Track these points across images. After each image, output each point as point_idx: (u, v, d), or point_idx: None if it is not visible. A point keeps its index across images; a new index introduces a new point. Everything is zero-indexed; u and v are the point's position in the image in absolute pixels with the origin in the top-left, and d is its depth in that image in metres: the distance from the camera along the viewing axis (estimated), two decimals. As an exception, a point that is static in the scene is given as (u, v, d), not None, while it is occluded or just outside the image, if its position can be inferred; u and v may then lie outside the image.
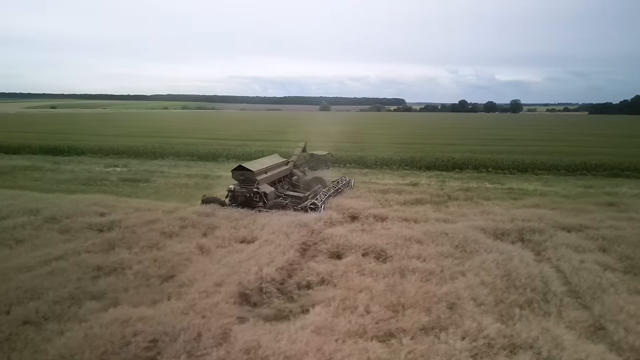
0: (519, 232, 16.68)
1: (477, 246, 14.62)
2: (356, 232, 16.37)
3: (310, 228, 16.33)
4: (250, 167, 20.03)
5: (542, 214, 19.06)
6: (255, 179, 19.78)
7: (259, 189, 19.52)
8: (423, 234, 16.10)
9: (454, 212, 20.22)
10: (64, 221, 16.70)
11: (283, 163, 23.51)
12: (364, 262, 13.50)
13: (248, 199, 19.56)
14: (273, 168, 22.01)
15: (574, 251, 14.40)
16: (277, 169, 22.34)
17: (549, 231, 16.70)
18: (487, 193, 25.71)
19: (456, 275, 12.42)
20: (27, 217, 16.98)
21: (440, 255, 14.05)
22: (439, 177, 31.96)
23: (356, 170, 34.81)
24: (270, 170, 21.62)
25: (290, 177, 23.97)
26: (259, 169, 20.48)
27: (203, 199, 20.06)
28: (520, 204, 22.24)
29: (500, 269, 12.50)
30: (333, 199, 21.58)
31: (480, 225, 16.95)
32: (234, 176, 20.19)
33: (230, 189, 19.99)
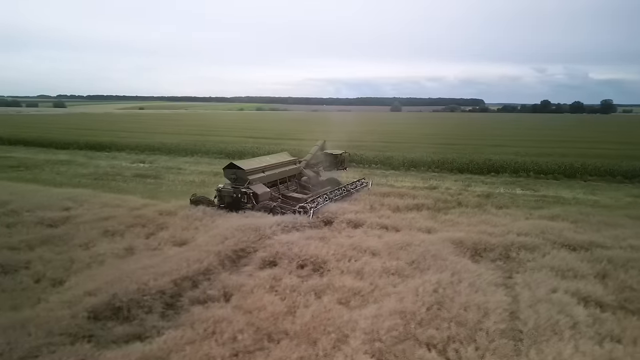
0: (505, 248, 13.83)
1: (432, 263, 12.15)
2: (313, 239, 14.39)
3: (261, 233, 14.62)
4: (242, 165, 18.36)
5: (553, 227, 15.87)
6: (247, 178, 17.98)
7: (248, 189, 17.65)
8: (384, 245, 13.86)
9: (447, 221, 17.60)
10: (22, 215, 16.51)
11: (290, 162, 21.72)
12: (290, 275, 11.63)
13: (235, 200, 17.73)
14: (274, 167, 20.20)
15: (556, 276, 11.49)
16: (279, 168, 20.50)
17: (543, 249, 13.71)
18: (507, 200, 22.46)
19: (382, 298, 10.19)
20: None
21: (384, 271, 11.81)
22: (467, 180, 28.78)
23: (379, 171, 32.59)
24: (270, 169, 19.83)
25: (300, 178, 22.15)
26: (252, 167, 18.79)
27: (191, 199, 18.72)
28: (537, 214, 18.96)
29: (436, 295, 10.04)
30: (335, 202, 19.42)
31: (460, 238, 14.27)
32: (225, 174, 18.61)
33: (218, 188, 18.51)
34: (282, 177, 20.75)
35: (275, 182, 20.15)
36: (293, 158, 22.44)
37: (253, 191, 17.72)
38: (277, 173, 20.28)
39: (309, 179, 22.34)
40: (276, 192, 19.88)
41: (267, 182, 19.24)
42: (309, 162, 23.57)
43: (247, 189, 17.67)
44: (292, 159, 22.18)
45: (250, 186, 17.87)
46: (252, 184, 18.00)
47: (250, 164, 19.21)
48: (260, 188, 18.15)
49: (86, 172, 30.30)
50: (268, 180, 19.38)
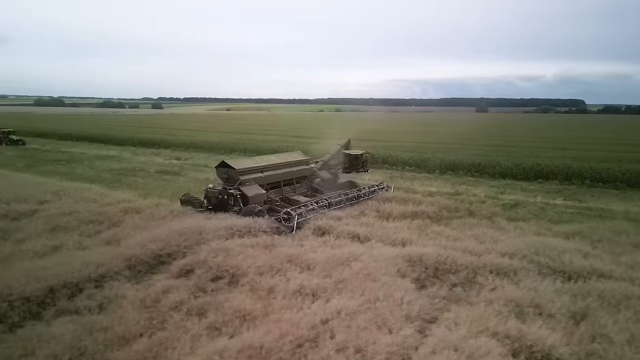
0: (474, 270, 11.33)
1: (359, 285, 10.09)
2: (256, 247, 12.80)
3: (202, 237, 13.27)
4: (234, 165, 16.97)
5: (559, 247, 12.88)
6: (238, 179, 16.52)
7: (235, 191, 16.11)
8: (327, 258, 11.91)
9: (433, 233, 15.12)
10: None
11: (298, 162, 19.93)
12: (192, 288, 10.21)
13: (221, 201, 16.26)
14: (276, 167, 18.55)
15: (508, 313, 8.93)
16: (283, 169, 18.82)
17: (521, 275, 11.04)
18: (534, 211, 19.17)
19: (259, 326, 8.40)
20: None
21: (298, 291, 9.94)
22: (505, 187, 25.36)
23: (410, 174, 29.92)
24: (270, 169, 18.22)
25: (312, 180, 20.32)
26: (246, 167, 17.31)
27: (182, 199, 17.58)
28: (556, 229, 15.77)
29: (322, 327, 8.12)
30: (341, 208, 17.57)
31: (424, 255, 11.80)
32: (217, 174, 17.41)
33: (206, 188, 17.27)
34: (288, 178, 19.05)
35: (277, 183, 18.54)
36: (304, 158, 20.69)
37: (240, 193, 16.18)
38: (280, 174, 18.58)
39: (323, 181, 20.40)
40: (278, 194, 18.32)
41: (267, 183, 17.69)
42: (327, 162, 21.77)
43: (236, 190, 16.15)
44: (303, 159, 20.43)
45: (242, 187, 16.36)
46: (244, 185, 16.50)
47: (244, 164, 17.78)
48: (252, 189, 16.57)
49: (117, 167, 31.14)
50: (268, 181, 17.81)
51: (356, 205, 18.29)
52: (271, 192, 17.97)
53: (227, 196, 16.04)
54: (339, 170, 22.10)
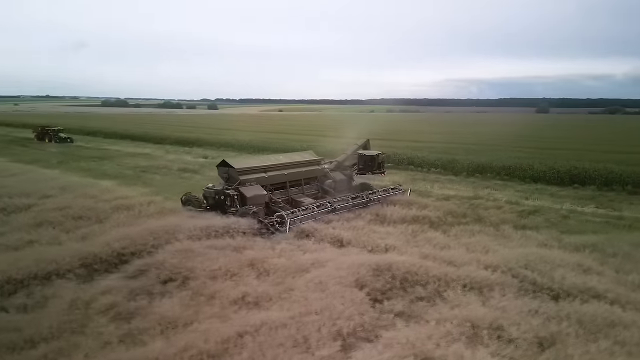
0: (446, 283, 10.11)
1: (303, 295, 9.27)
2: (223, 249, 12.15)
3: (171, 236, 12.88)
4: (234, 164, 16.37)
5: (552, 260, 11.49)
6: (238, 178, 15.89)
7: (232, 191, 15.43)
8: (292, 264, 11.24)
9: (424, 240, 13.96)
10: (1, 200, 17.19)
11: (307, 162, 19.12)
12: (136, 290, 9.84)
13: (217, 202, 15.69)
14: (281, 167, 17.78)
15: (444, 334, 7.74)
16: (289, 169, 18.04)
17: (495, 291, 9.69)
18: (552, 219, 17.47)
19: (177, 335, 7.80)
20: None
21: (241, 298, 9.31)
22: (533, 192, 23.42)
23: (434, 175, 28.48)
24: (275, 169, 17.46)
25: (323, 181, 19.45)
26: (247, 166, 16.68)
27: (182, 198, 17.10)
28: (567, 240, 14.07)
29: (225, 334, 7.37)
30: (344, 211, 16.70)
31: (396, 264, 10.71)
32: (219, 173, 16.87)
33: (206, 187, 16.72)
34: (295, 179, 18.31)
35: (283, 184, 17.84)
36: (315, 158, 19.86)
37: (237, 193, 15.52)
38: (285, 174, 17.82)
39: (335, 182, 19.46)
40: (284, 195, 17.67)
41: (270, 183, 17.04)
42: (341, 163, 20.84)
43: (233, 190, 15.52)
44: (313, 159, 19.63)
45: (241, 187, 15.71)
46: (244, 185, 15.86)
47: (245, 163, 17.25)
48: (252, 190, 15.86)
49: (144, 164, 31.84)
50: (272, 181, 17.13)
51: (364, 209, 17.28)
52: (276, 193, 17.30)
53: (223, 196, 15.45)
54: (354, 172, 21.14)
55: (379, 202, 18.33)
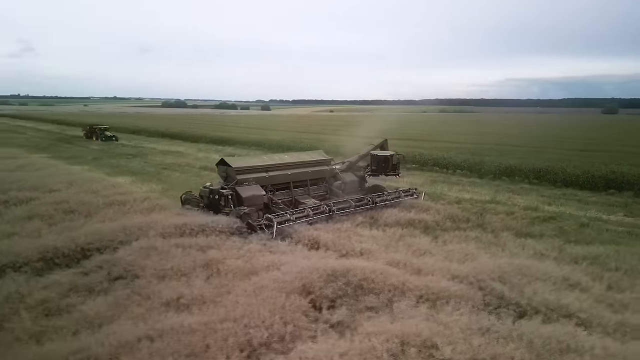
0: (400, 293, 9.27)
1: (233, 299, 8.74)
2: (188, 248, 11.80)
3: (140, 233, 12.75)
4: (232, 163, 16.22)
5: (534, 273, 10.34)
6: (235, 177, 15.60)
7: (227, 191, 15.07)
8: (247, 266, 10.81)
9: (406, 245, 13.08)
10: (8, 193, 17.77)
11: (317, 162, 18.62)
12: (79, 287, 9.73)
13: (212, 201, 15.36)
14: (284, 167, 17.33)
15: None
16: (293, 169, 17.55)
17: (449, 305, 8.72)
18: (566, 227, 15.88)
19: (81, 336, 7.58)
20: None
21: (174, 300, 8.94)
22: (560, 197, 21.79)
23: (456, 177, 27.11)
24: (277, 169, 17.03)
25: (332, 182, 18.84)
26: (245, 165, 16.41)
27: (182, 197, 16.84)
28: (568, 251, 12.76)
29: (120, 341, 7.02)
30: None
31: (346, 269, 9.96)
32: (218, 172, 16.77)
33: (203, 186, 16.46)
34: (300, 180, 17.78)
35: (286, 184, 17.36)
36: (324, 158, 19.29)
37: (232, 193, 15.10)
38: (289, 174, 17.34)
39: (344, 184, 18.71)
40: (287, 196, 17.16)
41: (272, 183, 16.63)
42: (354, 164, 20.19)
43: (228, 189, 15.17)
44: (321, 159, 19.06)
45: (238, 187, 15.36)
46: (241, 185, 15.51)
47: (244, 162, 17.03)
48: (249, 190, 15.44)
49: (170, 162, 32.61)
50: (273, 181, 16.71)
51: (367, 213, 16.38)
52: (278, 194, 16.86)
53: (217, 196, 15.09)
54: (366, 173, 20.31)
55: (389, 205, 17.23)
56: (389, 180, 21.37)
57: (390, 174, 19.94)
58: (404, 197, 18.11)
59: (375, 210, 16.71)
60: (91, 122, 60.02)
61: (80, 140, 50.48)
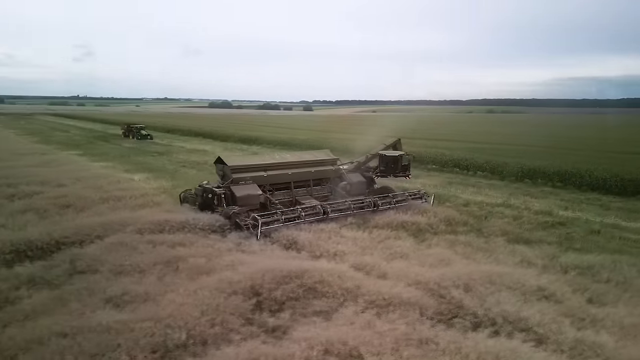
0: (348, 296, 8.80)
1: (156, 298, 8.51)
2: (159, 245, 11.70)
3: (119, 229, 12.82)
4: (228, 161, 15.98)
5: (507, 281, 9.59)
6: (231, 176, 15.33)
7: (220, 190, 14.86)
8: (205, 264, 10.59)
9: (385, 248, 12.45)
10: (19, 187, 18.70)
11: (321, 162, 18.09)
12: (24, 278, 9.76)
13: (205, 200, 15.23)
14: (284, 166, 16.90)
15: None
16: (293, 169, 17.03)
17: (387, 308, 8.16)
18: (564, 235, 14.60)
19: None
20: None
21: (112, 298, 8.82)
22: (580, 201, 20.33)
23: (475, 179, 25.95)
24: (276, 168, 16.61)
25: (337, 182, 18.09)
26: (242, 164, 16.18)
27: (181, 196, 16.73)
28: (560, 259, 11.71)
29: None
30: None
31: (301, 271, 9.58)
32: (216, 170, 16.59)
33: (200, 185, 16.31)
34: (301, 179, 17.27)
35: (287, 184, 16.94)
36: (329, 158, 18.75)
37: (225, 192, 14.84)
38: (289, 174, 16.89)
39: (351, 184, 17.95)
40: (288, 196, 16.73)
41: (270, 183, 16.25)
42: (363, 164, 19.45)
43: (221, 188, 14.95)
44: (326, 159, 18.54)
45: (233, 186, 15.06)
46: (237, 184, 15.18)
47: (241, 160, 16.98)
48: (244, 189, 15.07)
49: (192, 159, 33.12)
50: (272, 181, 16.32)
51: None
52: (278, 194, 16.47)
53: (211, 194, 14.96)
54: (376, 174, 19.29)
55: (392, 207, 16.30)
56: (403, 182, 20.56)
57: (399, 175, 19.08)
58: (411, 200, 17.17)
59: (376, 213, 15.85)
60: (132, 121, 62.20)
61: (118, 138, 52.35)
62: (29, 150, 35.12)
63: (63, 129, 68.26)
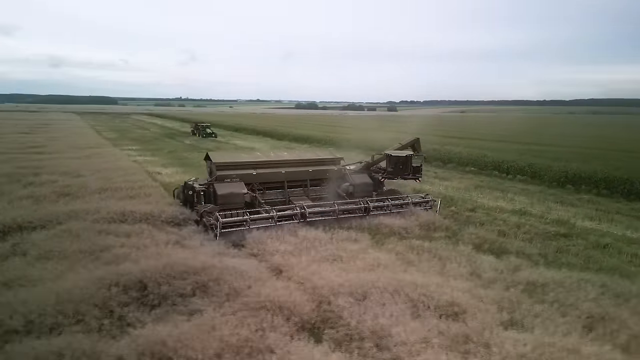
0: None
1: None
2: (111, 234, 12.09)
3: (83, 217, 13.45)
4: (214, 157, 15.65)
5: (423, 293, 8.40)
6: (216, 173, 14.89)
7: (198, 186, 14.60)
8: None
9: (321, 251, 11.53)
10: (41, 176, 20.25)
11: (320, 162, 17.26)
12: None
13: (186, 197, 15.03)
14: (276, 165, 16.27)
15: None
16: (286, 167, 16.32)
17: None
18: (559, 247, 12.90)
19: None
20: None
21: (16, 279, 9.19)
22: (615, 211, 17.72)
23: (510, 184, 23.51)
24: (267, 167, 16.00)
25: (339, 183, 16.96)
26: (229, 161, 15.77)
27: (174, 192, 16.63)
28: (514, 274, 10.11)
29: None
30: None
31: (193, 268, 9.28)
32: (206, 167, 16.36)
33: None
34: (296, 179, 16.55)
35: (280, 183, 16.23)
36: (330, 157, 17.88)
37: (205, 189, 14.55)
38: (283, 173, 16.18)
39: (354, 186, 16.68)
40: (281, 196, 16.13)
41: (261, 181, 15.66)
42: (372, 164, 17.88)
43: (203, 185, 14.67)
44: (325, 158, 17.68)
45: (216, 183, 14.59)
46: (221, 181, 14.71)
47: (230, 157, 16.60)
48: (227, 187, 14.47)
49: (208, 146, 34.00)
50: (262, 179, 15.70)
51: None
52: (270, 194, 15.87)
53: (191, 191, 14.74)
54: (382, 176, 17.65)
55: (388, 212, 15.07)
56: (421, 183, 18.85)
57: (408, 178, 17.22)
58: (412, 205, 15.61)
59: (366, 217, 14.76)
60: (201, 120, 65.65)
61: (186, 136, 55.35)
62: (89, 144, 38.02)
63: (145, 127, 73.74)
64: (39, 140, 40.23)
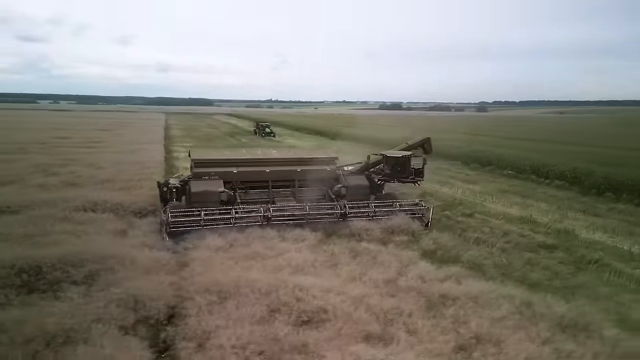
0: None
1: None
2: (65, 221, 12.80)
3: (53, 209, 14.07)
4: (196, 155, 15.45)
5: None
6: (194, 170, 14.72)
7: (172, 184, 14.50)
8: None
9: (247, 252, 11.04)
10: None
11: (308, 161, 16.38)
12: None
13: (162, 194, 14.62)
14: (260, 164, 15.80)
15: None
16: (271, 166, 15.71)
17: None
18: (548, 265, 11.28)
19: None
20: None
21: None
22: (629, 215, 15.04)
23: (542, 189, 21.29)
24: (249, 165, 15.59)
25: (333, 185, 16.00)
26: (208, 158, 15.61)
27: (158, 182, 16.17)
28: (446, 284, 9.02)
29: None
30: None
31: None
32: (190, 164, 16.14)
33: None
34: (282, 179, 15.80)
35: (264, 182, 15.58)
36: (323, 157, 16.92)
37: (178, 186, 14.36)
38: (267, 172, 15.52)
39: (348, 188, 15.67)
40: (265, 196, 15.46)
41: (242, 180, 15.15)
42: (371, 166, 16.67)
43: (178, 182, 14.57)
44: (316, 158, 16.72)
45: (192, 181, 14.40)
46: (197, 179, 14.45)
47: (210, 155, 16.66)
48: (202, 185, 14.08)
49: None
50: (243, 178, 15.19)
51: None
52: (252, 193, 15.36)
53: (166, 188, 14.56)
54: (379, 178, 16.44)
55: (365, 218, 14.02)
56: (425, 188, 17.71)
57: (406, 181, 16.03)
58: (398, 212, 14.34)
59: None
60: (263, 119, 67.56)
61: (247, 135, 57.05)
62: (145, 141, 39.92)
63: (217, 126, 77.15)
64: (103, 136, 43.64)
